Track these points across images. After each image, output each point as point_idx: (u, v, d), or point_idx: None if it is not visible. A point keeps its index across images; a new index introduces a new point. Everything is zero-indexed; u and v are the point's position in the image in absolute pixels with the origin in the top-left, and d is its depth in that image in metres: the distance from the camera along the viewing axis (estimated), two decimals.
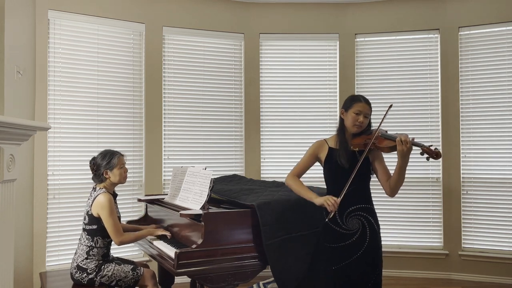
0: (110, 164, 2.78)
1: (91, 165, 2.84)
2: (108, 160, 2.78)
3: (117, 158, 2.80)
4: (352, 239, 2.35)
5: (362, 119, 2.39)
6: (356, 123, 2.39)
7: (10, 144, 1.96)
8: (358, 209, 2.36)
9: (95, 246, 2.73)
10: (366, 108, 2.40)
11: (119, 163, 2.80)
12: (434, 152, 2.16)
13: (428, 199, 4.46)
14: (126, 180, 2.87)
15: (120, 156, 2.83)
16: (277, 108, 4.65)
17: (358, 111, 2.39)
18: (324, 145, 2.51)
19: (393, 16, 4.54)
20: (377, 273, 2.36)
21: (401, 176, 2.29)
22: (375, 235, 2.37)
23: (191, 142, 4.43)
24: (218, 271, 2.48)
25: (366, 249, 2.34)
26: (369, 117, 2.43)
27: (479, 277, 4.25)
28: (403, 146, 2.18)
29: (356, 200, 2.36)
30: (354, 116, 2.39)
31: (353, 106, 2.41)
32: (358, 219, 2.36)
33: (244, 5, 4.59)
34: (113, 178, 2.80)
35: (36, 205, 3.64)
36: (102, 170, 2.78)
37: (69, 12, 3.85)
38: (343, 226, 2.37)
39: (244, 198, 2.82)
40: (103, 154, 2.82)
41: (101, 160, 2.79)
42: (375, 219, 2.39)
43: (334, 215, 2.34)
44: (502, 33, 4.25)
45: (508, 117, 4.21)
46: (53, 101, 3.78)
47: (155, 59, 4.26)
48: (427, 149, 2.17)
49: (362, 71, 4.63)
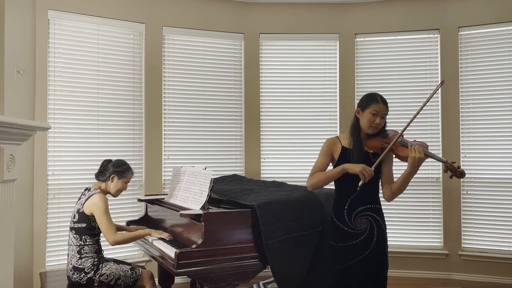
0: (123, 174, 2.89)
1: (104, 163, 2.92)
2: (124, 169, 2.90)
3: (130, 173, 2.94)
4: (359, 239, 2.33)
5: (379, 121, 2.29)
6: (372, 124, 2.29)
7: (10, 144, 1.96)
8: (367, 209, 2.34)
9: (84, 244, 2.74)
10: (383, 108, 2.29)
11: (128, 178, 2.93)
12: (458, 171, 2.08)
13: (428, 199, 4.46)
14: (117, 196, 2.96)
15: (131, 174, 2.97)
16: (277, 108, 4.65)
17: (375, 111, 2.28)
18: (337, 144, 2.42)
19: (393, 16, 4.54)
20: (383, 273, 2.35)
21: (405, 183, 2.25)
22: (383, 235, 2.35)
23: (191, 142, 4.43)
24: (218, 271, 2.48)
25: (373, 249, 2.32)
26: (385, 117, 2.34)
27: (479, 277, 4.26)
28: (415, 154, 2.12)
29: (366, 200, 2.34)
30: (371, 117, 2.29)
31: (370, 106, 2.30)
32: (366, 219, 2.34)
33: (244, 5, 4.59)
34: (113, 186, 2.87)
35: (36, 205, 3.64)
36: (112, 173, 2.85)
37: (69, 12, 3.85)
38: (351, 225, 2.34)
39: (244, 198, 2.83)
40: (122, 162, 2.94)
41: (116, 165, 2.89)
42: (382, 219, 2.37)
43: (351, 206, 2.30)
44: (502, 33, 4.25)
45: (508, 117, 4.21)
46: (53, 101, 3.78)
47: (155, 59, 4.26)
48: (450, 166, 2.09)
49: (362, 71, 4.63)
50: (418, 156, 2.12)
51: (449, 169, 2.10)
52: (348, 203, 2.34)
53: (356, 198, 2.31)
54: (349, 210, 2.34)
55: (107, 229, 2.70)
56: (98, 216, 2.70)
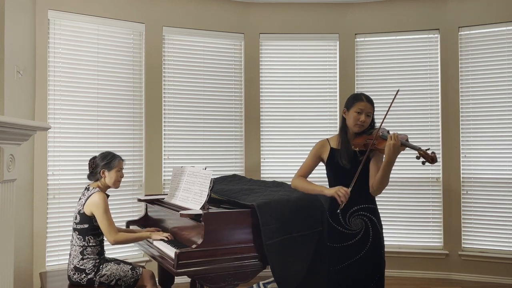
0: (110, 165, 2.83)
1: (90, 163, 2.89)
2: (109, 161, 2.84)
3: (117, 161, 2.86)
4: (355, 239, 2.33)
5: (364, 118, 2.33)
6: (357, 122, 2.34)
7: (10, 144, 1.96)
8: (362, 209, 2.34)
9: (87, 245, 2.73)
10: (368, 106, 2.34)
11: (118, 165, 2.87)
12: (430, 156, 2.10)
13: (428, 199, 4.46)
14: (119, 186, 2.92)
15: (120, 160, 2.89)
16: (277, 108, 4.65)
17: (359, 109, 2.33)
18: (326, 145, 2.48)
19: (393, 16, 4.54)
20: (379, 273, 2.35)
21: (384, 175, 2.22)
22: (378, 235, 2.35)
23: (191, 142, 4.43)
24: (218, 271, 2.48)
25: (369, 249, 2.32)
26: (371, 116, 2.37)
27: (479, 277, 4.26)
28: (391, 141, 2.14)
29: (359, 200, 2.33)
30: (356, 115, 2.34)
31: (355, 104, 2.35)
32: (361, 219, 2.34)
33: (244, 5, 4.59)
34: (108, 179, 2.84)
35: (36, 205, 3.64)
36: (100, 169, 2.82)
37: (69, 12, 3.85)
38: (346, 226, 2.35)
39: (244, 198, 2.83)
40: (105, 154, 2.88)
41: (101, 159, 2.85)
42: (378, 219, 2.36)
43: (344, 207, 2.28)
44: (502, 33, 4.25)
45: (508, 117, 4.21)
46: (53, 101, 3.78)
47: (155, 59, 4.26)
48: (423, 152, 2.12)
49: (362, 71, 4.62)
50: (393, 142, 2.14)
51: (422, 156, 2.13)
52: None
53: (349, 198, 2.30)
54: (344, 210, 2.33)
55: (108, 229, 2.70)
56: (98, 216, 2.70)
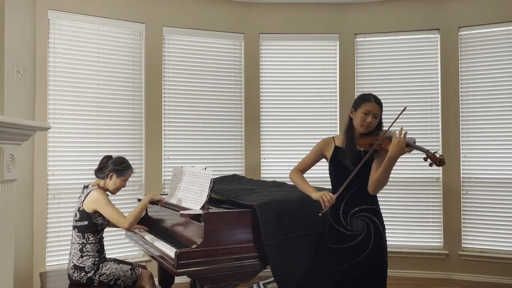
0: (122, 172, 2.87)
1: (103, 160, 2.90)
2: (123, 168, 2.87)
3: (129, 172, 2.92)
4: (356, 240, 2.31)
5: (371, 120, 2.29)
6: (364, 123, 2.30)
7: (10, 144, 1.96)
8: (363, 210, 2.31)
9: (87, 242, 2.74)
10: (375, 108, 2.30)
11: (127, 176, 2.91)
12: (438, 158, 2.06)
13: (428, 199, 4.46)
14: (116, 193, 2.94)
15: (131, 172, 2.95)
16: (277, 108, 4.65)
17: (366, 111, 2.29)
18: (331, 143, 2.44)
19: (393, 16, 4.54)
20: (381, 274, 2.32)
21: (384, 172, 2.18)
22: (380, 236, 2.31)
23: (191, 142, 4.43)
24: (218, 271, 2.48)
25: (370, 251, 2.29)
26: (378, 117, 2.33)
27: (479, 277, 4.26)
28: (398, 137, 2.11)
29: (361, 201, 2.31)
30: (363, 116, 2.30)
31: (362, 105, 2.31)
32: (363, 220, 2.31)
33: (244, 5, 4.59)
34: (112, 184, 2.86)
35: (36, 205, 3.64)
36: (110, 171, 2.84)
37: (69, 12, 3.85)
38: (348, 227, 2.32)
39: (244, 198, 2.82)
40: (122, 160, 2.90)
41: (115, 164, 2.86)
42: (380, 220, 2.33)
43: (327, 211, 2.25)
44: (502, 33, 4.25)
45: (508, 117, 4.21)
46: (53, 101, 3.78)
47: (155, 59, 4.26)
48: (431, 155, 2.08)
49: (362, 71, 4.62)
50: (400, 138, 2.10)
51: (430, 158, 2.09)
52: (343, 203, 2.33)
53: (351, 198, 2.29)
54: (345, 211, 2.32)
55: (117, 216, 2.71)
56: (102, 209, 2.71)
